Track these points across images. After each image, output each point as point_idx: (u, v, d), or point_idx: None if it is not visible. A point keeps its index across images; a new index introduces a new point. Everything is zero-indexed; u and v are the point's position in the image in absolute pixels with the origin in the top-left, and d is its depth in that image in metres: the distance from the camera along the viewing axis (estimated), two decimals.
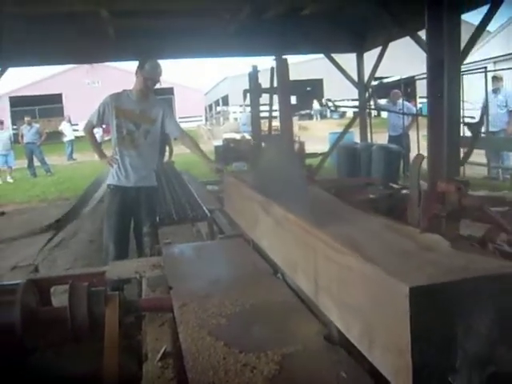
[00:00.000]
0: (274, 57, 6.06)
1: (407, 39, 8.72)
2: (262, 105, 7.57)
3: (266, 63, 8.88)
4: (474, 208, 2.88)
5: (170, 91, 38.59)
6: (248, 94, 7.05)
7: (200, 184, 7.29)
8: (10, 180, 15.81)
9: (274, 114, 9.50)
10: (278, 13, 8.93)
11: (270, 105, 6.41)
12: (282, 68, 5.55)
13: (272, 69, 6.35)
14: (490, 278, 1.37)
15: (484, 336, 1.35)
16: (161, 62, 4.65)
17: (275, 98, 6.83)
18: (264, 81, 6.98)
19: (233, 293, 2.38)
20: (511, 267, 1.44)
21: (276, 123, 23.71)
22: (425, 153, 8.35)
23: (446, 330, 1.34)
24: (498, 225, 2.87)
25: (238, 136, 15.66)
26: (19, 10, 7.71)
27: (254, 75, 6.23)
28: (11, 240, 7.32)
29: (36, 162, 17.09)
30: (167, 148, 10.12)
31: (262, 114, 8.52)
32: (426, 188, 3.51)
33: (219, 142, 14.57)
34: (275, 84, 6.36)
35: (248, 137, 12.87)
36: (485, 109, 9.86)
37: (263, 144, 6.36)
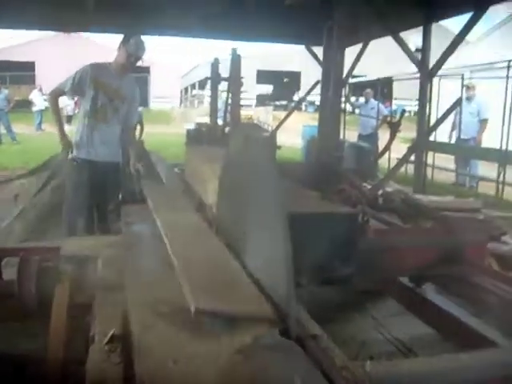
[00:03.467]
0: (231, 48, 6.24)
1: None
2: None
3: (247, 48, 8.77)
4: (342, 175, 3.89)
5: (146, 70, 38.05)
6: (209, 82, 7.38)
7: (168, 165, 7.15)
8: None
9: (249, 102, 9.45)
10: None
11: (228, 93, 6.54)
12: (235, 61, 5.86)
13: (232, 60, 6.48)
14: (326, 214, 2.16)
15: (321, 252, 2.05)
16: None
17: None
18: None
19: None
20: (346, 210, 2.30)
21: (248, 112, 23.51)
22: (395, 154, 8.46)
23: (296, 247, 1.86)
24: (358, 188, 3.91)
25: None
26: None
27: (215, 66, 6.51)
28: None
29: (2, 130, 16.68)
30: (138, 127, 9.94)
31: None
32: None
33: (192, 126, 14.41)
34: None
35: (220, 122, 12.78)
36: (457, 115, 9.98)
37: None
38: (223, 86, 7.57)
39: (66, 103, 21.68)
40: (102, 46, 34.49)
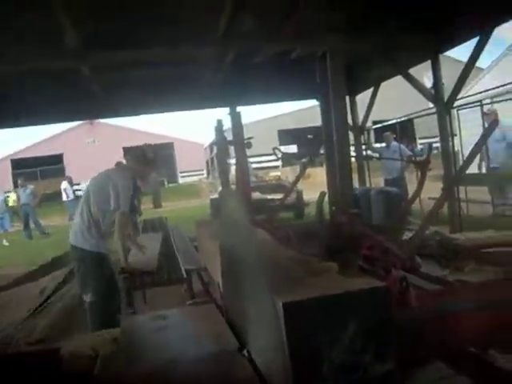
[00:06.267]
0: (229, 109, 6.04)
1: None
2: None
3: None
4: (365, 236, 3.13)
5: (170, 146, 38.64)
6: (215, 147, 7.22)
7: (187, 240, 6.91)
8: (5, 243, 15.49)
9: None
10: (265, 58, 8.73)
11: (236, 156, 6.26)
12: (236, 120, 5.61)
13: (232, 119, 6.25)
14: (342, 295, 1.64)
15: (348, 346, 1.55)
16: (157, 115, 4.58)
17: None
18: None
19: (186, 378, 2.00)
20: (369, 285, 1.72)
21: (276, 173, 23.46)
22: (426, 194, 8.07)
23: (311, 342, 1.56)
24: (388, 249, 3.11)
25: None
26: None
27: (219, 129, 6.23)
28: None
29: (32, 225, 16.80)
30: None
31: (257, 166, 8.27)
32: None
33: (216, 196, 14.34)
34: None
35: None
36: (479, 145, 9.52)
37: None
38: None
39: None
40: (117, 127, 35.39)
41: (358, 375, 1.58)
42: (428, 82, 10.91)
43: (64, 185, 23.02)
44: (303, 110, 32.00)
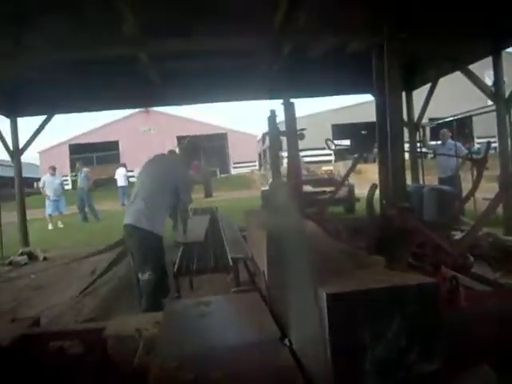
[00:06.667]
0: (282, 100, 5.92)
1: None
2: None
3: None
4: (417, 231, 3.08)
5: (223, 137, 38.87)
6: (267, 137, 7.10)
7: (236, 229, 6.96)
8: (60, 225, 15.90)
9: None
10: (319, 51, 8.67)
11: (288, 147, 6.13)
12: (289, 111, 5.51)
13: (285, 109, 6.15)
14: (395, 288, 1.59)
15: (392, 342, 1.51)
16: (211, 106, 4.64)
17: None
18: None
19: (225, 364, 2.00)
20: (418, 280, 1.67)
21: (329, 167, 23.23)
22: (480, 194, 7.83)
23: (355, 334, 1.53)
24: (440, 246, 3.04)
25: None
26: (60, 55, 7.71)
27: (272, 118, 6.11)
28: None
29: (87, 208, 17.19)
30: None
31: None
32: None
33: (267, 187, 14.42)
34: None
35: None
36: None
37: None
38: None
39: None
40: (175, 117, 35.91)
41: (402, 373, 1.55)
42: (488, 79, 10.61)
43: (120, 171, 23.58)
44: (358, 106, 31.60)
